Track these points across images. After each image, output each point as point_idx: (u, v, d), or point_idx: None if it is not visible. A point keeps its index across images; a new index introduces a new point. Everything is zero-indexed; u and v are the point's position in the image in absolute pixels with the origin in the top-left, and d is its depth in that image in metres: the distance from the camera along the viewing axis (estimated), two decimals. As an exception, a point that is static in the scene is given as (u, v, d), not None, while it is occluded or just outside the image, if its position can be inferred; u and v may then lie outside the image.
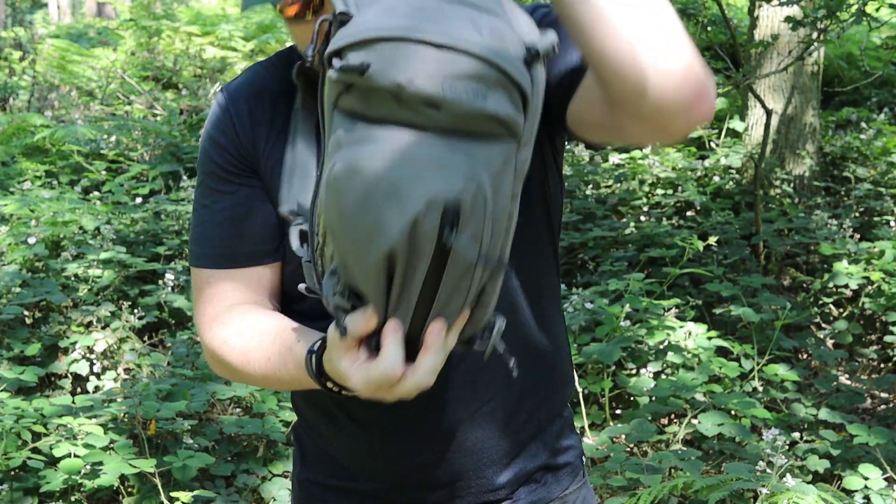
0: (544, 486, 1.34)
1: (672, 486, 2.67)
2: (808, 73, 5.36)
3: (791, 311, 4.00)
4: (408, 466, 1.29)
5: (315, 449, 1.37)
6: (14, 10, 17.81)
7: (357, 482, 1.33)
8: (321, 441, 1.36)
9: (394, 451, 1.28)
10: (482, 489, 1.30)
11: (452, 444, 1.27)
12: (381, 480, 1.31)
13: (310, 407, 1.35)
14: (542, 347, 1.30)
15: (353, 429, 1.29)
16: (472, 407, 1.26)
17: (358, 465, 1.32)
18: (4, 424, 2.85)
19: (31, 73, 8.53)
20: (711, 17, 4.81)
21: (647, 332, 3.59)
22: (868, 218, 5.12)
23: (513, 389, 1.28)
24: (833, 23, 4.00)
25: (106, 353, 3.73)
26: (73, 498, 2.92)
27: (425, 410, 1.24)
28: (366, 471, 1.32)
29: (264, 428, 3.14)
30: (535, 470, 1.33)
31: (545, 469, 1.34)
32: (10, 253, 4.16)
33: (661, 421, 3.56)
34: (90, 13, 16.83)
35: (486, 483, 1.30)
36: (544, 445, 1.33)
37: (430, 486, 1.30)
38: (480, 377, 1.26)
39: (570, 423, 1.39)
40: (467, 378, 1.25)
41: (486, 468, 1.29)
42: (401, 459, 1.29)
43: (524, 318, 1.27)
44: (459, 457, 1.28)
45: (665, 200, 5.16)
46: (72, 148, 5.76)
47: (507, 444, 1.29)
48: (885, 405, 3.92)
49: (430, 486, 1.30)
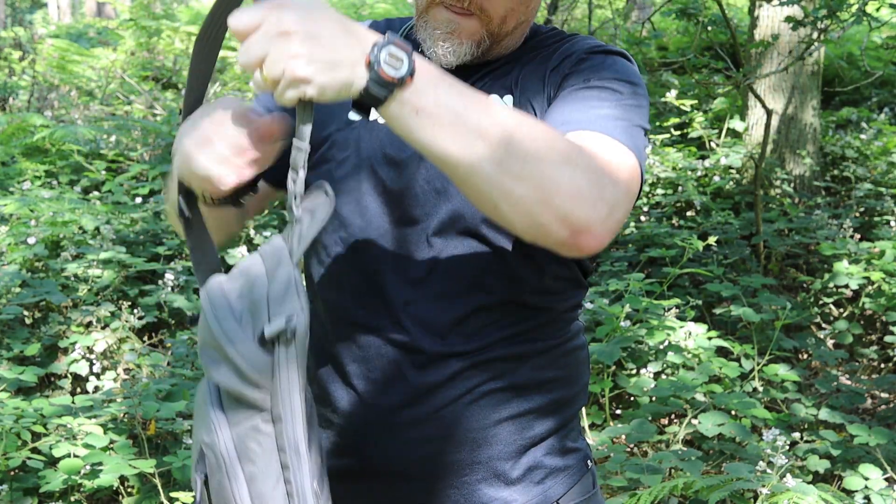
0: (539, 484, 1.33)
1: (672, 487, 2.66)
2: (808, 73, 5.36)
3: (791, 312, 4.00)
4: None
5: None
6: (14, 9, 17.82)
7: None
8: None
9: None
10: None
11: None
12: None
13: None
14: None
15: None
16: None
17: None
18: (4, 424, 2.85)
19: (31, 73, 8.53)
20: (712, 16, 4.81)
21: (648, 332, 3.59)
22: (868, 218, 5.11)
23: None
24: (833, 23, 4.00)
25: (106, 353, 3.73)
26: (72, 498, 2.92)
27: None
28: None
29: (264, 428, 3.13)
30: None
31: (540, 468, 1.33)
32: (10, 253, 4.16)
33: (661, 421, 3.56)
34: (90, 13, 16.83)
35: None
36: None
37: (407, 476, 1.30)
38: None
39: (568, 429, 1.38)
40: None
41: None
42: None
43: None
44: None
45: (665, 200, 5.16)
46: (72, 148, 5.76)
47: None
48: (885, 405, 3.92)
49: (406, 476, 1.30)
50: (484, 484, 1.28)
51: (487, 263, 1.25)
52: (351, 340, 1.29)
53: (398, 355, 1.26)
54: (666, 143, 5.75)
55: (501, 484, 1.28)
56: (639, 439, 3.14)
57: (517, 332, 1.27)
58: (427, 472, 1.28)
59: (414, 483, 1.28)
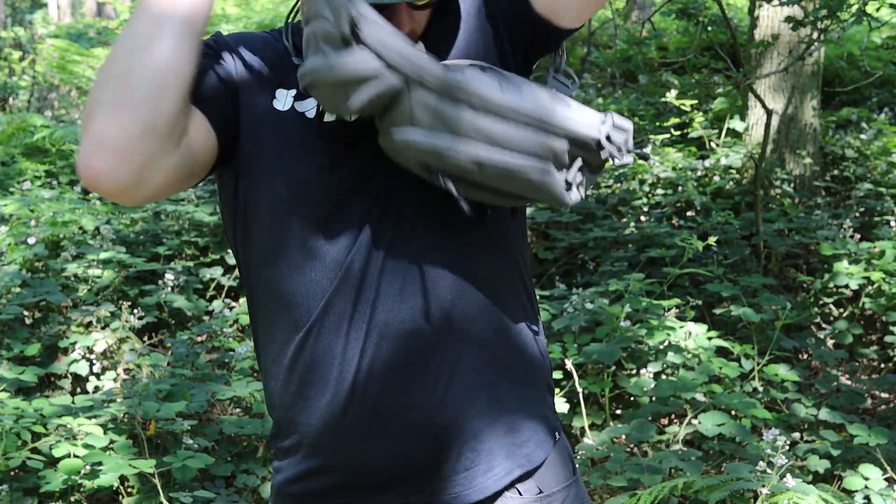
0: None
1: (672, 487, 2.67)
2: (808, 73, 5.35)
3: (791, 312, 4.00)
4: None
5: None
6: (14, 10, 17.81)
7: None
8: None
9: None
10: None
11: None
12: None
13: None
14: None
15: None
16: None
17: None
18: (4, 424, 2.85)
19: (31, 73, 8.53)
20: (712, 16, 4.81)
21: (647, 332, 3.59)
22: (868, 218, 5.11)
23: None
24: (833, 23, 4.00)
25: (106, 353, 3.73)
26: (72, 498, 2.92)
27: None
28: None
29: (264, 428, 3.14)
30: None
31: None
32: (10, 253, 4.16)
33: (661, 421, 3.56)
34: (90, 13, 16.84)
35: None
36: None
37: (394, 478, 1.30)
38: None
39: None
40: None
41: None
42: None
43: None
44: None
45: (665, 200, 5.16)
46: (72, 148, 5.76)
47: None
48: (885, 405, 3.92)
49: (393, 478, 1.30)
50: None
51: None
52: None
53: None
54: (666, 143, 5.74)
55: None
56: (639, 439, 3.14)
57: None
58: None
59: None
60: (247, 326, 4.13)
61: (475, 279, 1.30)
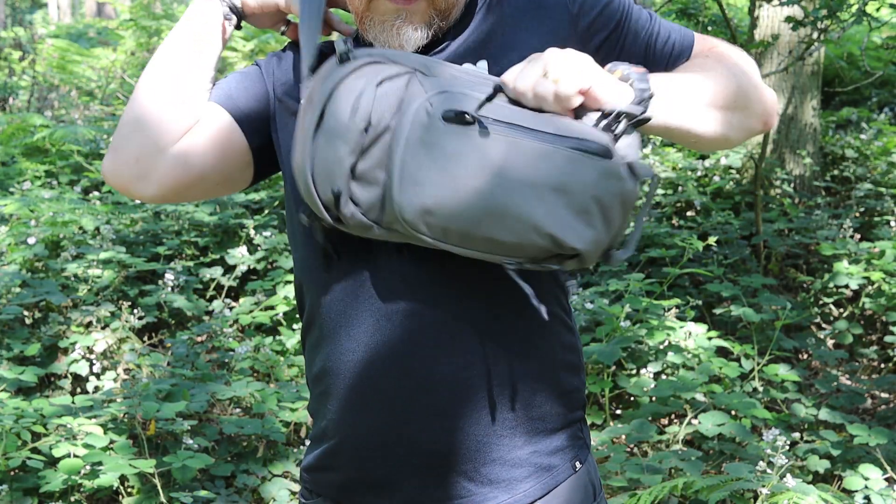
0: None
1: (672, 487, 2.67)
2: (808, 73, 5.35)
3: (791, 312, 4.00)
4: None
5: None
6: (14, 10, 17.81)
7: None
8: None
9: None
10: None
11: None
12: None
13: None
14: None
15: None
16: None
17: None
18: (4, 424, 2.85)
19: (31, 73, 8.53)
20: (712, 17, 4.81)
21: (648, 332, 3.59)
22: (868, 218, 5.11)
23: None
24: (833, 23, 4.00)
25: (106, 353, 3.73)
26: (72, 498, 2.92)
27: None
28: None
29: (264, 428, 3.14)
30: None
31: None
32: (10, 253, 4.16)
33: (661, 421, 3.56)
34: (90, 13, 16.84)
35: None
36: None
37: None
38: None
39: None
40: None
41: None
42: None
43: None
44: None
45: (665, 200, 5.16)
46: (72, 148, 5.76)
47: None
48: (885, 405, 3.92)
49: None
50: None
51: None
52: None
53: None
54: (666, 142, 5.75)
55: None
56: (639, 439, 3.14)
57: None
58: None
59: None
60: (246, 326, 4.13)
61: (509, 307, 1.30)
